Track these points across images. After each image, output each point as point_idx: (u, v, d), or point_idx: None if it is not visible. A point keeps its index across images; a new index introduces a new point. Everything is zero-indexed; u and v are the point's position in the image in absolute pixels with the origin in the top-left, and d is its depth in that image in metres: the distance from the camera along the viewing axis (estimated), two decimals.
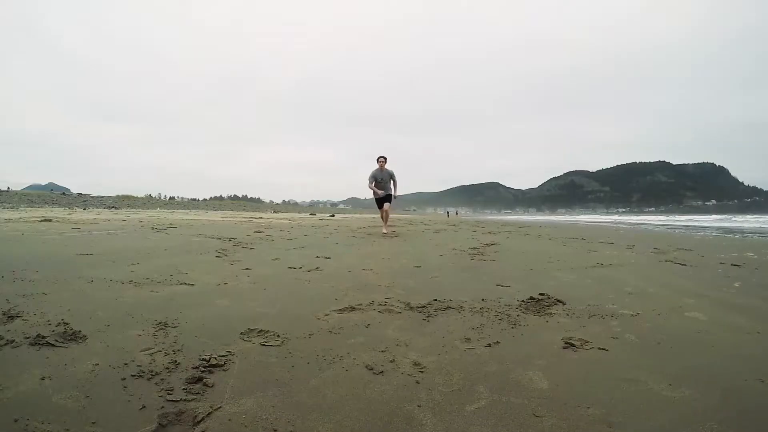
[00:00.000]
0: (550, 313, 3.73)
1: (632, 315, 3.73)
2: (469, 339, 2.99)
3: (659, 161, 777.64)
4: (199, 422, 1.85)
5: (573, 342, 2.95)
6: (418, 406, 2.02)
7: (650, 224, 39.57)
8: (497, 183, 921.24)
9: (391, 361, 2.56)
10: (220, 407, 1.98)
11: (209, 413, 1.92)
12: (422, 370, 2.44)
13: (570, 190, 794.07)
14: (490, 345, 2.88)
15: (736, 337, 3.24)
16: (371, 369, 2.44)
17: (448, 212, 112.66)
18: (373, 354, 2.67)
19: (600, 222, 49.21)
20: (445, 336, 3.06)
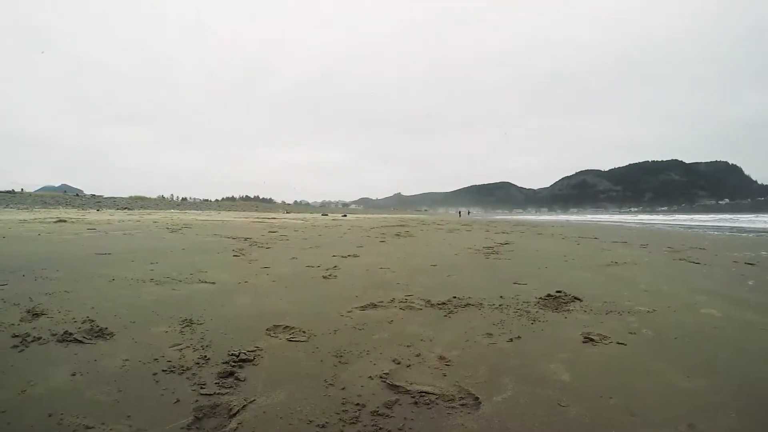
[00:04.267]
0: (568, 310, 3.80)
1: (648, 312, 3.78)
2: (491, 334, 3.07)
3: (671, 160, 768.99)
4: (234, 415, 1.92)
5: (592, 337, 3.02)
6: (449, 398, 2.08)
7: (656, 223, 39.28)
8: (508, 183, 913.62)
9: (417, 355, 2.64)
10: (254, 400, 2.05)
11: (244, 406, 1.99)
12: (448, 363, 2.53)
13: (582, 189, 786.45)
14: (512, 340, 2.96)
15: (750, 332, 3.30)
16: (399, 363, 2.52)
17: (459, 212, 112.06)
18: (398, 349, 2.75)
19: (612, 222, 49.00)
20: (467, 331, 3.14)
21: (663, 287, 4.91)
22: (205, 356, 2.55)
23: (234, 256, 6.97)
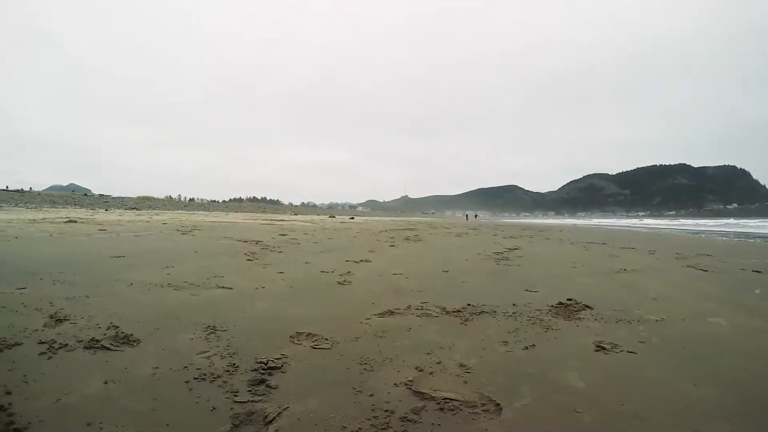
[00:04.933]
0: (580, 318, 3.91)
1: (657, 320, 3.90)
2: (506, 342, 3.20)
3: (679, 164, 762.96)
4: (270, 422, 2.02)
5: (603, 345, 3.15)
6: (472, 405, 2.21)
7: (664, 228, 39.14)
8: (515, 186, 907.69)
9: (438, 363, 2.76)
10: (287, 407, 2.15)
11: (279, 413, 2.09)
12: (468, 371, 2.66)
13: (589, 192, 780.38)
14: (527, 348, 3.09)
15: (756, 340, 3.44)
16: (421, 370, 2.64)
17: (467, 215, 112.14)
18: (419, 356, 2.87)
19: (619, 226, 48.91)
20: (483, 339, 3.26)
21: (671, 295, 5.03)
22: (234, 364, 2.64)
23: (248, 260, 7.04)
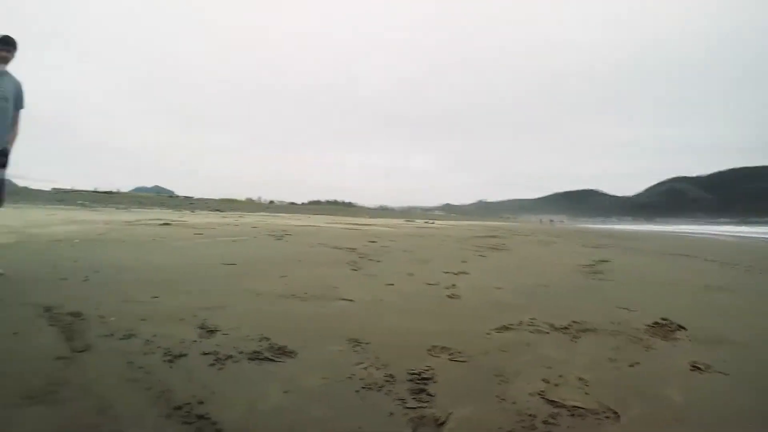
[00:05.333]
0: (675, 338, 4.33)
1: (744, 343, 4.28)
2: (614, 359, 3.69)
3: None
4: (442, 424, 2.33)
5: (698, 365, 3.60)
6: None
7: (752, 237, 37.05)
8: (593, 190, 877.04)
9: (560, 376, 3.26)
10: (452, 413, 2.45)
11: (447, 417, 2.40)
12: (586, 383, 3.16)
13: (671, 197, 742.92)
14: (632, 365, 3.57)
15: None
16: (548, 382, 3.15)
17: (541, 220, 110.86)
18: (542, 370, 3.36)
19: (703, 234, 47.15)
20: (593, 356, 3.76)
21: (758, 317, 5.40)
22: (390, 374, 2.91)
23: (352, 269, 7.53)
